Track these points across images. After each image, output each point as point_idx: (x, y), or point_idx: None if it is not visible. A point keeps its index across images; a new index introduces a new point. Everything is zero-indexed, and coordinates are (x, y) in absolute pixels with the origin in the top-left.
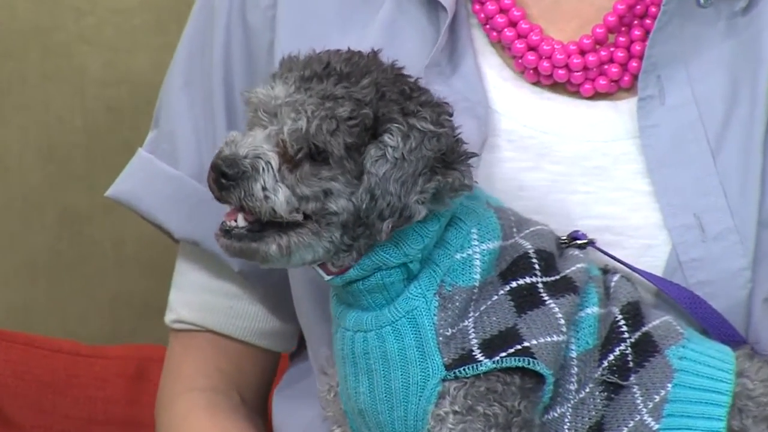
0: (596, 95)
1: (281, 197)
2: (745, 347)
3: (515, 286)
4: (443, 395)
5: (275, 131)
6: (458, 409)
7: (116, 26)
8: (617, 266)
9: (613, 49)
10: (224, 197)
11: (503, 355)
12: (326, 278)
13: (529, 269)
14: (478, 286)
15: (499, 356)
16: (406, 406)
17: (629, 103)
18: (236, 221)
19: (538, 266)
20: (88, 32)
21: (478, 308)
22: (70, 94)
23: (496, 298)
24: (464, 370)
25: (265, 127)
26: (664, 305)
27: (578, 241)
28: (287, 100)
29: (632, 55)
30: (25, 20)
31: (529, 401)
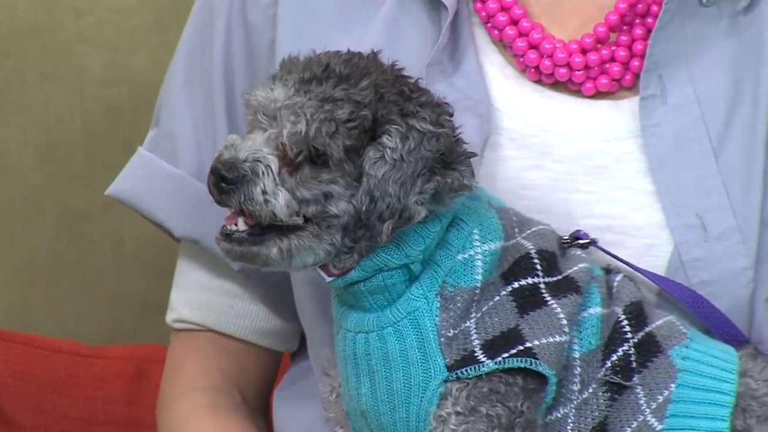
0: (598, 94)
1: (281, 201)
2: (748, 347)
3: (517, 286)
4: (445, 396)
5: (275, 134)
6: (461, 410)
7: (116, 25)
8: (620, 266)
9: (614, 47)
10: (224, 201)
11: (505, 355)
12: (327, 280)
13: (530, 270)
14: (479, 286)
15: (501, 357)
16: (407, 407)
17: (631, 102)
18: (237, 225)
19: (539, 267)
20: (87, 31)
21: (479, 309)
22: (69, 93)
23: (497, 298)
24: (466, 371)
25: (264, 130)
26: (666, 305)
27: (580, 240)
28: (286, 102)
29: (634, 54)
30: (24, 19)
31: (531, 402)
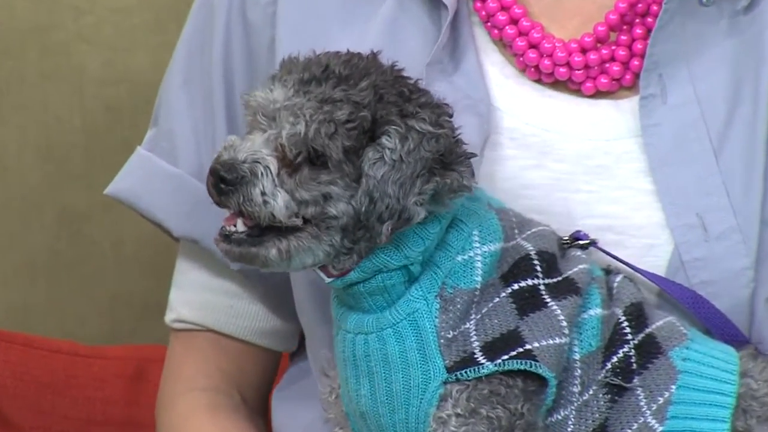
0: (598, 93)
1: (280, 202)
2: (748, 347)
3: (517, 288)
4: (445, 398)
5: (274, 135)
6: (460, 411)
7: (115, 25)
8: (620, 266)
9: (614, 47)
10: (223, 202)
11: (505, 357)
12: (327, 281)
13: (530, 271)
14: (479, 288)
15: (500, 359)
16: (407, 408)
17: (631, 101)
18: (235, 226)
19: (539, 268)
20: (86, 31)
21: (479, 311)
22: (68, 93)
23: (497, 300)
24: (466, 372)
25: (264, 130)
26: (666, 305)
27: (580, 241)
28: (286, 103)
29: (634, 53)
30: (23, 19)
31: (532, 404)
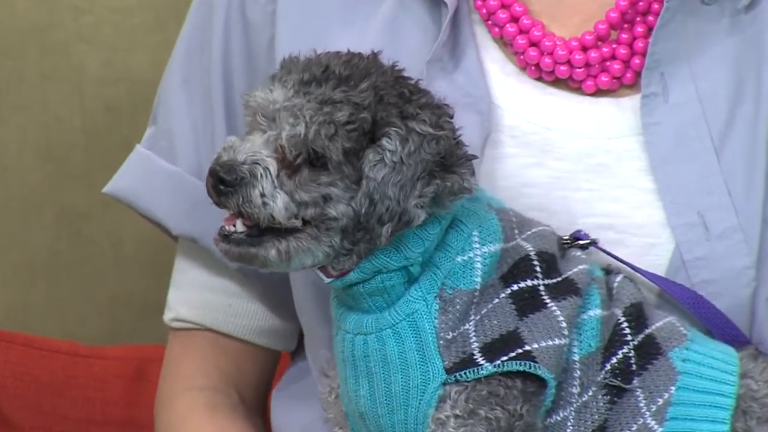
0: (598, 92)
1: (280, 203)
2: (749, 347)
3: (516, 289)
4: (444, 399)
5: (274, 136)
6: (459, 412)
7: (115, 25)
8: (620, 266)
9: (615, 45)
10: (223, 203)
11: (504, 359)
12: (326, 281)
13: (530, 272)
14: (479, 289)
15: (500, 360)
16: (406, 409)
17: (632, 100)
18: (235, 226)
19: (539, 268)
20: (86, 31)
21: (479, 311)
22: (68, 93)
23: (497, 301)
24: (465, 373)
25: (263, 131)
26: (666, 305)
27: (580, 241)
28: (286, 104)
29: (635, 51)
30: (23, 19)
31: (531, 405)
